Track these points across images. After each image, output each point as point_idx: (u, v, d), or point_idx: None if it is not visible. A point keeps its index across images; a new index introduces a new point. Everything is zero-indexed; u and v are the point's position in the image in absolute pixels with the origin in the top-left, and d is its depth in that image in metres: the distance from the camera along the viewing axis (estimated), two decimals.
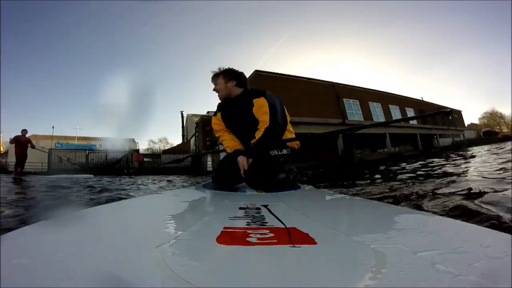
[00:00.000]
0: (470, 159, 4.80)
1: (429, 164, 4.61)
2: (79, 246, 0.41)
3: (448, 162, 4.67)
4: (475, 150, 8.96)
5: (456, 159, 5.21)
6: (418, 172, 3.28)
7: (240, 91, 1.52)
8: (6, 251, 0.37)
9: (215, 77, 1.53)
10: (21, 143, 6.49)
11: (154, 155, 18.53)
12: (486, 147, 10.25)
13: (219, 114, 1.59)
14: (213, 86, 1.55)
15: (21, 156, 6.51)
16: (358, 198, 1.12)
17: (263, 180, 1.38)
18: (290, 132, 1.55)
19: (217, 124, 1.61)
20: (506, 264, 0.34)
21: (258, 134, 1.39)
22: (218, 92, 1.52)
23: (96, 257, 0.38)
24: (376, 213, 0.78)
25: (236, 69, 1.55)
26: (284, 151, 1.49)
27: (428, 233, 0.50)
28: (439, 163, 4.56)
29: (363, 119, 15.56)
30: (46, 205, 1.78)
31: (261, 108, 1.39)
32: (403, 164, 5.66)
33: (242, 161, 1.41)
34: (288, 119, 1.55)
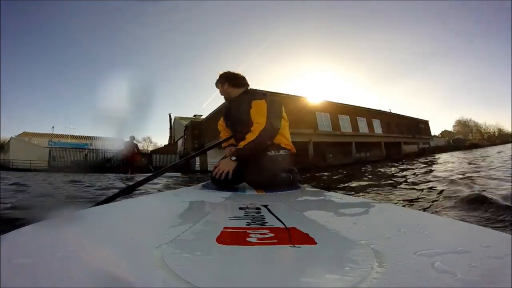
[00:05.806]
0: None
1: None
2: (79, 246, 0.41)
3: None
4: (436, 156, 10.25)
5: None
6: None
7: (239, 91, 1.58)
8: (6, 251, 0.37)
9: (216, 83, 1.65)
10: (130, 149, 7.56)
11: (144, 155, 18.64)
12: (448, 154, 11.41)
13: (221, 119, 1.75)
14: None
15: (130, 160, 7.66)
16: (358, 198, 1.12)
17: (263, 180, 1.38)
18: (284, 138, 1.54)
19: (220, 127, 1.80)
20: (506, 264, 0.34)
21: (250, 136, 1.35)
22: (222, 96, 1.64)
23: (96, 257, 0.38)
24: (376, 213, 0.78)
25: (232, 71, 1.63)
26: (282, 152, 1.49)
27: (428, 233, 0.50)
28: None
29: (331, 130, 17.29)
30: None
31: (259, 110, 1.39)
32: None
33: (224, 165, 1.37)
34: (287, 124, 1.58)
